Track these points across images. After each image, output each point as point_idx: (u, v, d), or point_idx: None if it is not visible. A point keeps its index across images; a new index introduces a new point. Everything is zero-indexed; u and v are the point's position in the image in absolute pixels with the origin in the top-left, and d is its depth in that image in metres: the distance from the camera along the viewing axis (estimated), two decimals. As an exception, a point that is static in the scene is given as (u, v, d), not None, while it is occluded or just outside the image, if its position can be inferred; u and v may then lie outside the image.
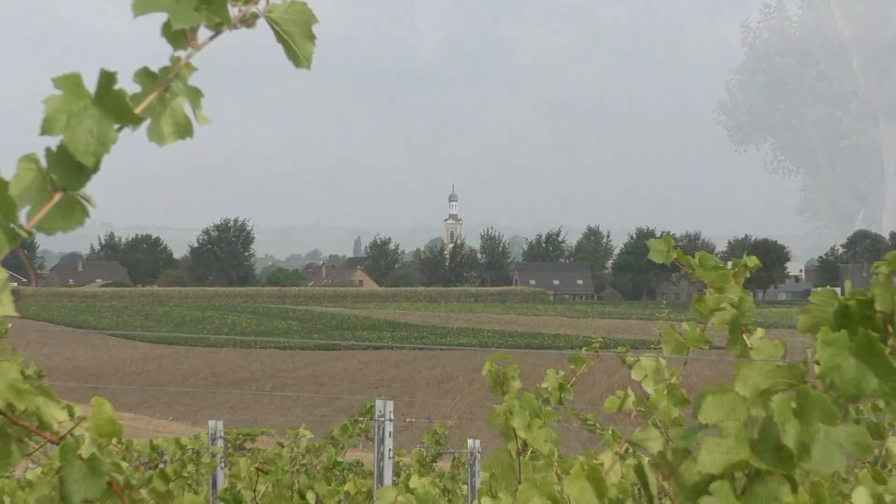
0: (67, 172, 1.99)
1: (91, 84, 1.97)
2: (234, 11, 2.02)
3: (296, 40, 2.06)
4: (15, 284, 2.00)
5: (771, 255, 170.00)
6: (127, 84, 2.00)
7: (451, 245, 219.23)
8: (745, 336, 3.54)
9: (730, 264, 3.84)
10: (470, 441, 11.27)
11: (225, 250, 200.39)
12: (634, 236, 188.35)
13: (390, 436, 6.19)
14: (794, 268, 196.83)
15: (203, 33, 2.02)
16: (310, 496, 8.45)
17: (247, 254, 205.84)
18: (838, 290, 2.21)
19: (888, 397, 2.07)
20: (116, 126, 1.98)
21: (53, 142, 1.97)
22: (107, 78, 1.98)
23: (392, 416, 6.71)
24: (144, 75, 2.01)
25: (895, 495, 2.18)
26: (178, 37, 2.01)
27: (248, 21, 2.03)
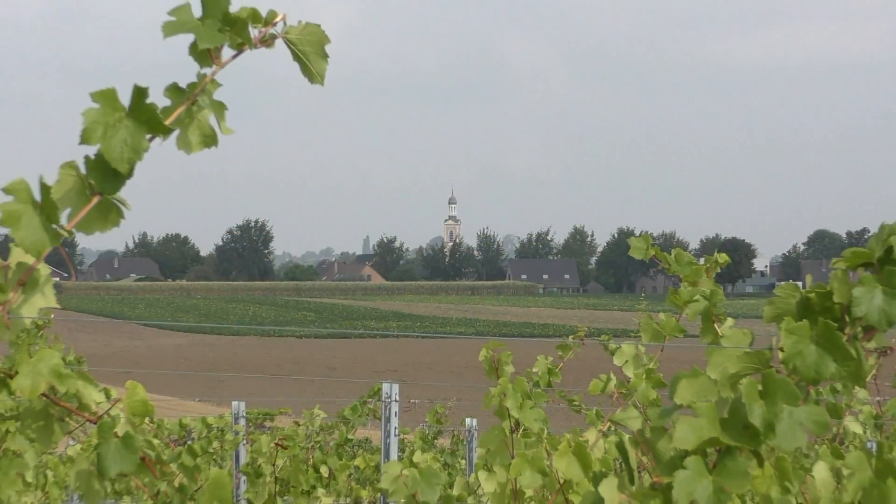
0: (104, 178, 1.98)
1: (125, 98, 1.96)
2: (254, 32, 2.01)
3: (311, 59, 2.05)
4: (57, 279, 1.99)
5: (739, 252, 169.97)
6: (157, 98, 1.99)
7: (451, 244, 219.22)
8: (716, 325, 3.54)
9: (702, 261, 3.84)
10: (468, 420, 11.25)
11: (247, 248, 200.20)
12: (616, 235, 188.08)
13: (396, 415, 6.16)
14: (759, 263, 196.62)
15: (226, 52, 2.02)
16: (323, 470, 8.45)
17: (266, 251, 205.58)
18: (800, 283, 2.20)
19: (845, 380, 2.07)
20: (148, 136, 1.98)
21: (91, 150, 1.96)
22: (139, 92, 1.97)
23: (397, 398, 6.70)
24: (174, 90, 2.01)
25: (852, 469, 2.17)
26: (203, 56, 2.01)
27: (267, 42, 2.03)
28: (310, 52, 2.04)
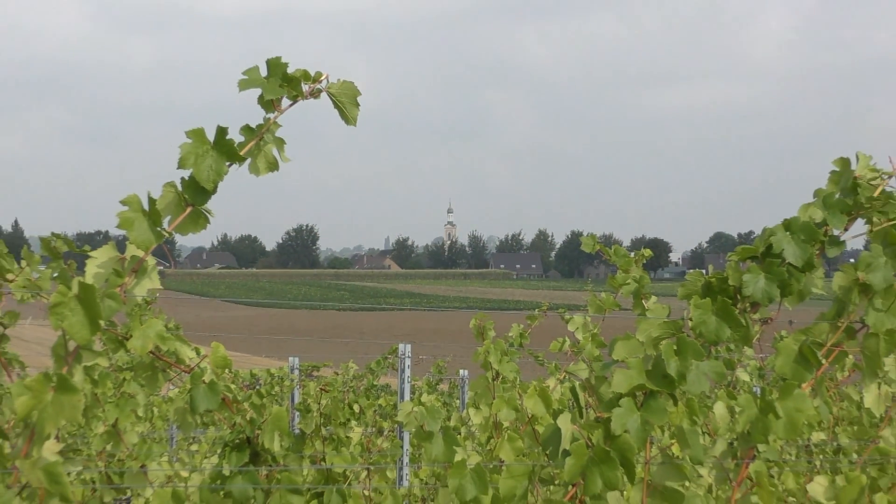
0: (195, 194, 1.98)
1: (211, 134, 1.96)
2: (305, 87, 2.01)
3: (346, 107, 2.05)
4: (160, 268, 1.97)
5: (659, 248, 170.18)
6: (234, 134, 1.99)
7: (449, 242, 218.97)
8: (643, 301, 3.53)
9: (633, 254, 3.84)
10: (461, 371, 11.24)
11: (300, 245, 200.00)
12: (569, 235, 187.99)
13: (408, 367, 6.15)
14: (674, 257, 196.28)
15: (284, 102, 2.01)
16: (355, 407, 8.42)
17: (314, 247, 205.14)
18: (704, 271, 2.20)
19: (737, 342, 2.07)
20: (227, 163, 1.98)
21: (186, 173, 1.96)
22: (221, 131, 1.97)
23: (409, 355, 6.69)
24: (246, 129, 2.00)
25: (742, 407, 2.17)
26: (268, 104, 2.01)
27: (315, 94, 2.02)
28: (346, 102, 2.04)
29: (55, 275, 2.66)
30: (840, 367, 2.33)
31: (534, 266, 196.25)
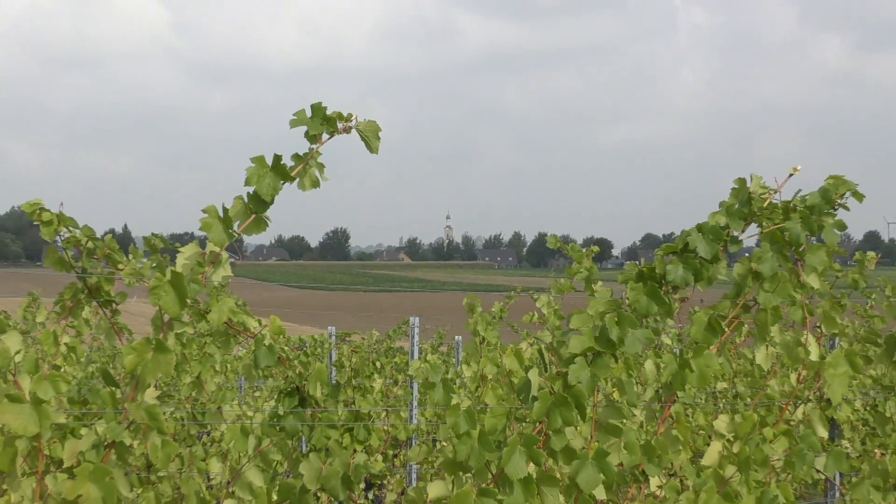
0: (257, 204, 1.97)
1: (269, 160, 1.96)
2: (339, 125, 2.00)
3: (370, 140, 2.04)
4: (231, 260, 1.97)
5: (604, 245, 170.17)
6: (287, 160, 1.98)
7: (447, 240, 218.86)
8: (592, 285, 3.53)
9: (584, 250, 3.83)
10: (456, 337, 11.22)
11: (336, 242, 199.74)
12: (537, 236, 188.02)
13: (417, 334, 6.15)
14: (615, 252, 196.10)
15: (324, 136, 2.01)
16: (377, 364, 8.38)
17: (346, 244, 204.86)
18: (637, 262, 2.19)
19: (662, 315, 2.06)
20: (281, 181, 1.97)
21: (250, 189, 1.96)
22: (276, 157, 1.96)
23: (418, 325, 6.69)
24: (295, 156, 1.99)
25: (666, 364, 2.16)
26: (312, 137, 1.99)
27: (347, 130, 2.01)
28: (370, 136, 2.03)
29: (154, 265, 2.65)
30: (738, 334, 2.33)
31: (510, 259, 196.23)
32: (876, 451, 4.39)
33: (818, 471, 2.47)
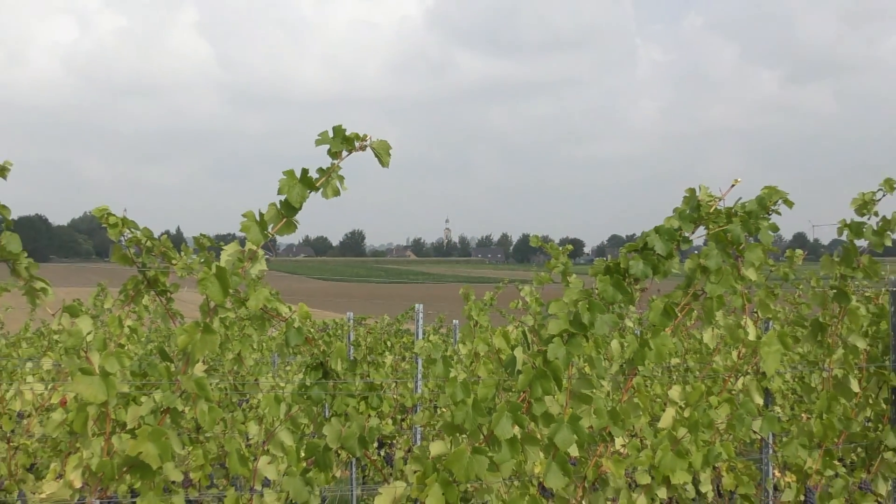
0: (288, 210, 1.97)
1: (297, 173, 1.95)
2: (357, 144, 2.00)
3: (382, 156, 2.04)
4: (266, 256, 1.97)
5: (577, 244, 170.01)
6: (313, 173, 1.98)
7: (447, 240, 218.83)
8: (567, 278, 3.53)
9: (561, 248, 3.83)
10: (454, 321, 11.21)
11: (354, 241, 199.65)
12: (522, 236, 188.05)
13: (421, 318, 6.14)
14: (587, 249, 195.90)
15: (344, 153, 2.00)
16: (388, 343, 8.37)
17: (363, 243, 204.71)
18: (605, 259, 2.20)
19: (625, 303, 2.07)
20: (308, 191, 1.97)
21: (282, 197, 1.95)
22: (304, 171, 1.96)
23: (422, 311, 6.68)
24: (320, 170, 1.99)
25: (629, 343, 2.17)
26: (334, 154, 1.99)
27: (363, 148, 2.01)
28: (382, 153, 2.03)
29: (202, 261, 2.65)
30: (689, 318, 2.33)
31: (499, 256, 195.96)
32: (803, 415, 4.40)
33: (755, 432, 2.48)
